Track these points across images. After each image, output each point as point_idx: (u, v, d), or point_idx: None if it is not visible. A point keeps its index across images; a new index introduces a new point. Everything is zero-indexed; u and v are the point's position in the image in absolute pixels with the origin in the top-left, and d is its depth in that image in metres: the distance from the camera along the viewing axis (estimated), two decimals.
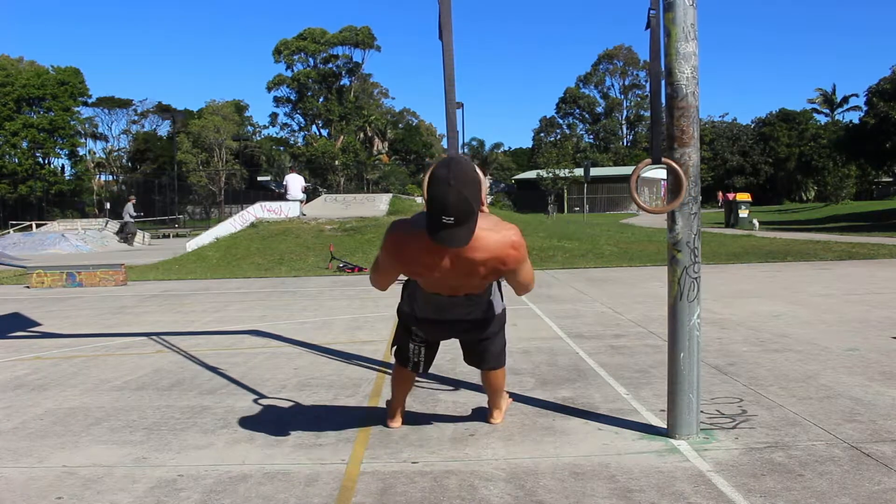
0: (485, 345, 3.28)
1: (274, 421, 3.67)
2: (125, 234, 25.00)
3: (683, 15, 3.12)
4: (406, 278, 3.21)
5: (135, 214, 25.57)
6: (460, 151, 3.14)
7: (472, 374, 3.65)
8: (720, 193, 27.38)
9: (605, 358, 4.95)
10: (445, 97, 3.04)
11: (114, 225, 27.80)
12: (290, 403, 3.99)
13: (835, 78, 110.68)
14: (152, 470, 2.99)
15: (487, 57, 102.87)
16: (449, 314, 3.10)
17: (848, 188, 44.24)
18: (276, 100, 54.86)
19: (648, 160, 3.20)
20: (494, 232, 2.79)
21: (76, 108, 46.86)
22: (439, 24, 3.13)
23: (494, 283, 3.20)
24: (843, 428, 3.25)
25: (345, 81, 54.89)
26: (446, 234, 2.59)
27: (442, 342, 3.43)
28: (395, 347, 3.38)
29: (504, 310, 3.33)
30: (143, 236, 27.53)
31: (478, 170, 2.84)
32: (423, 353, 3.29)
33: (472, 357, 3.38)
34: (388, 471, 2.92)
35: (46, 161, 47.17)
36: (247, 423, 3.64)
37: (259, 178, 52.66)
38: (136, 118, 57.53)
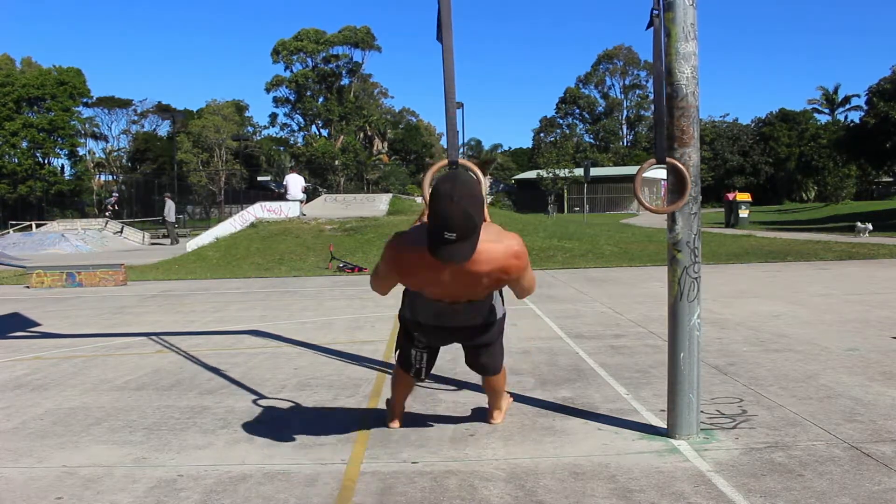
0: (487, 350, 3.29)
1: (274, 421, 3.67)
2: (171, 235, 24.32)
3: (683, 15, 3.12)
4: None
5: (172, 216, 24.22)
6: (460, 151, 3.12)
7: (473, 375, 3.65)
8: (733, 193, 27.20)
9: (605, 358, 4.95)
10: (445, 97, 3.03)
11: (114, 225, 27.77)
12: (290, 403, 3.99)
13: (835, 78, 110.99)
14: (152, 470, 2.99)
15: (487, 57, 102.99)
16: (451, 321, 3.11)
17: (848, 188, 44.23)
18: (276, 100, 54.84)
19: (653, 160, 3.19)
20: (496, 243, 2.79)
21: (76, 108, 46.80)
22: (438, 24, 3.10)
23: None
24: (843, 428, 3.25)
25: (345, 81, 54.82)
26: (448, 251, 2.58)
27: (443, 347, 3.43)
28: (398, 351, 3.39)
29: (504, 314, 3.33)
30: (143, 236, 27.51)
31: (481, 178, 2.88)
32: (425, 360, 3.30)
33: (474, 364, 3.39)
34: (388, 471, 2.92)
35: (46, 161, 47.11)
36: (247, 423, 3.64)
37: (259, 178, 52.62)
38: (136, 118, 57.43)
